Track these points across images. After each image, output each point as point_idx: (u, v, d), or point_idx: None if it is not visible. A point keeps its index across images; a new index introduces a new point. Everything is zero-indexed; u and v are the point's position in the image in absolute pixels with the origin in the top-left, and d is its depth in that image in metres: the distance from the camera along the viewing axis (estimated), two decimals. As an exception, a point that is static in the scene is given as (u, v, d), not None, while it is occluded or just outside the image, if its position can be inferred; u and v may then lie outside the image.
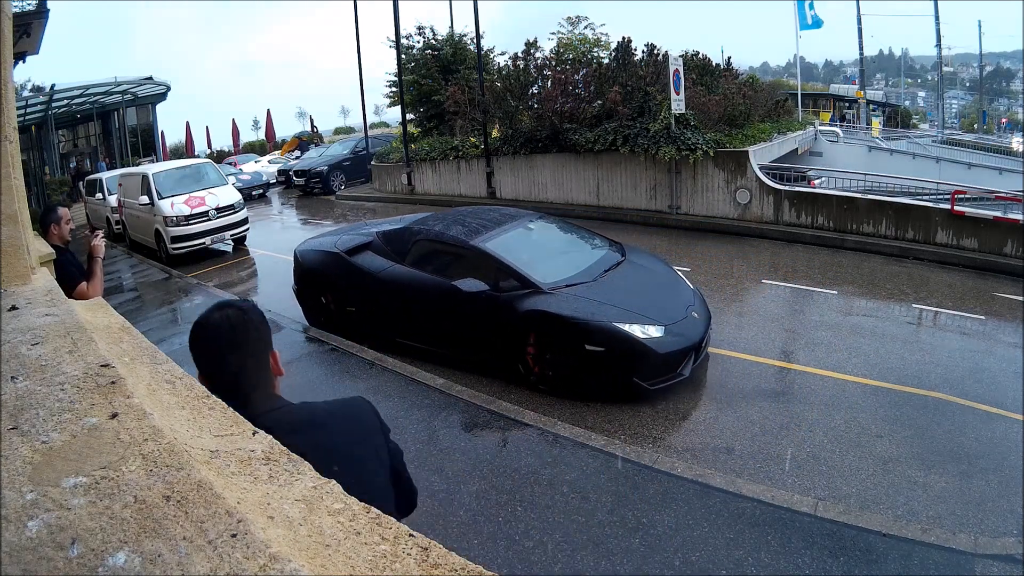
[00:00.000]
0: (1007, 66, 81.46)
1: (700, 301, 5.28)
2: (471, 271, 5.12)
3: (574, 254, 5.63)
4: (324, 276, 6.28)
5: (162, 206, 10.69)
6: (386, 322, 5.82)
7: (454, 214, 6.31)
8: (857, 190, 10.04)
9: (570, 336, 4.61)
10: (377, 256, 5.97)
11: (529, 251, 5.45)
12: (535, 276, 4.97)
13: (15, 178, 1.58)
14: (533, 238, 5.82)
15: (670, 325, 4.71)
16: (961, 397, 4.58)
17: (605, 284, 5.08)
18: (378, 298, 5.79)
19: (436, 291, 5.27)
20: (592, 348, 4.53)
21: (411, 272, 5.60)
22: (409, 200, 14.82)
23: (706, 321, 5.05)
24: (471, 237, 5.41)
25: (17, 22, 8.27)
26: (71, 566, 0.59)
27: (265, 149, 31.40)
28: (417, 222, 6.29)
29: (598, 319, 4.59)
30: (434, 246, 5.65)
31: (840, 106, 37.16)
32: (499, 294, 4.94)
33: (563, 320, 4.62)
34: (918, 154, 23.04)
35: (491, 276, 5.04)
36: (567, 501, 3.42)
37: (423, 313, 5.48)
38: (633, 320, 4.60)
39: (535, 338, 4.80)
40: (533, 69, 13.32)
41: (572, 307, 4.69)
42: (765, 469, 3.77)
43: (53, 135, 25.93)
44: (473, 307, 4.99)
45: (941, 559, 2.95)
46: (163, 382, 1.12)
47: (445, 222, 5.92)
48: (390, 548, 0.70)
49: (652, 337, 4.56)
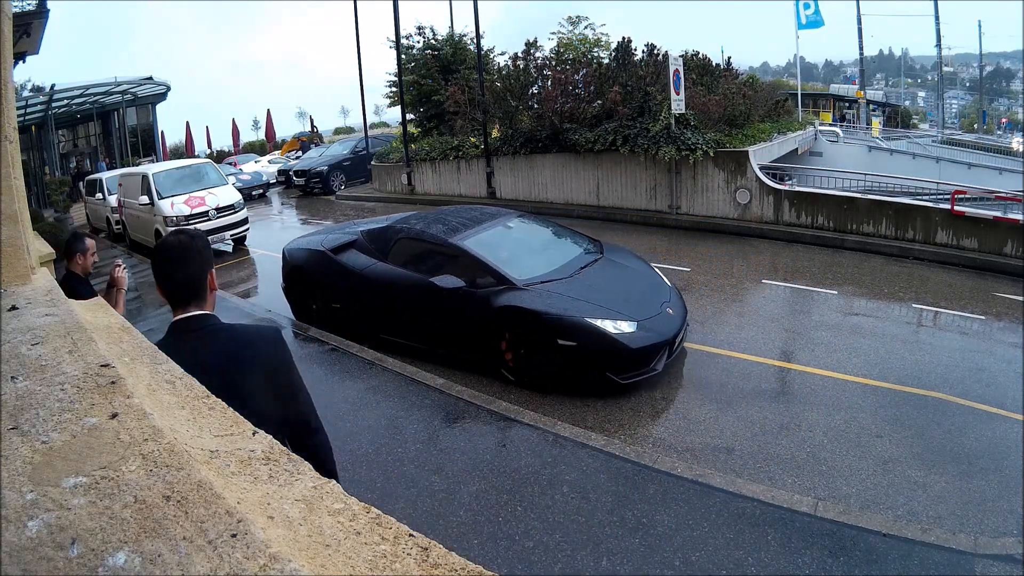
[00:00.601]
0: (1007, 66, 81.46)
1: (677, 298, 5.39)
2: (450, 268, 5.26)
3: (551, 252, 5.76)
4: (311, 274, 6.43)
5: (162, 206, 10.69)
6: (369, 318, 5.97)
7: (436, 213, 6.49)
8: (857, 190, 10.05)
9: (542, 331, 4.73)
10: (361, 254, 6.12)
11: (506, 249, 5.59)
12: (510, 272, 5.10)
13: (15, 178, 1.58)
14: (512, 236, 5.95)
15: (643, 321, 4.81)
16: (961, 397, 4.58)
17: (580, 281, 5.19)
18: (362, 295, 5.94)
19: (416, 288, 5.40)
20: (564, 342, 4.64)
21: (393, 269, 5.75)
22: (409, 200, 14.82)
23: (682, 317, 5.15)
24: (450, 235, 5.56)
25: (17, 22, 8.27)
26: (71, 566, 0.59)
27: (265, 149, 31.41)
28: (400, 221, 6.47)
29: (570, 314, 4.70)
30: (415, 244, 5.80)
31: (840, 106, 37.13)
32: (475, 290, 5.08)
33: (536, 315, 4.74)
34: (918, 154, 23.02)
35: (469, 273, 5.18)
36: (567, 501, 3.42)
37: (404, 309, 5.62)
38: (605, 315, 4.72)
39: (509, 333, 4.92)
40: (533, 69, 13.32)
41: (545, 302, 4.81)
42: (765, 469, 3.77)
43: (53, 135, 25.92)
44: (451, 303, 5.14)
45: (941, 559, 2.95)
46: (163, 382, 1.12)
47: (426, 221, 6.09)
48: (390, 548, 0.70)
49: (624, 332, 4.66)
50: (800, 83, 27.57)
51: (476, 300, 5.05)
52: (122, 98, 26.50)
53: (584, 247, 5.95)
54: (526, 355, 4.87)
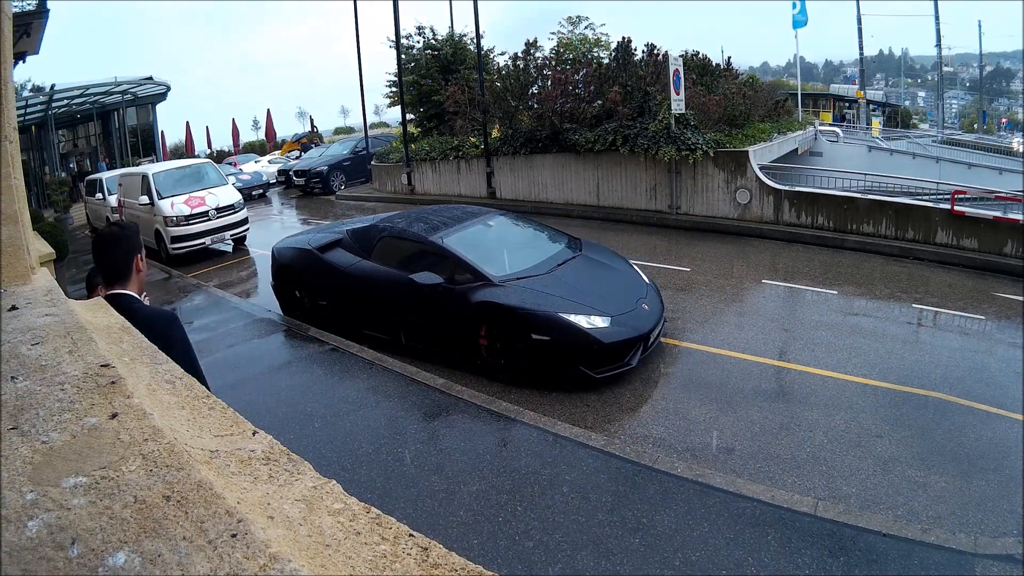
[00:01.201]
0: (1007, 66, 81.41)
1: (654, 295, 5.50)
2: (430, 266, 5.38)
3: (530, 249, 5.87)
4: (298, 272, 6.60)
5: (162, 206, 10.69)
6: (354, 314, 6.11)
7: (419, 212, 6.67)
8: (857, 190, 10.03)
9: (517, 325, 4.83)
10: (347, 253, 6.26)
11: (485, 246, 5.73)
12: (487, 269, 5.22)
13: (15, 178, 1.58)
14: (491, 234, 6.07)
15: (617, 316, 4.90)
16: (961, 397, 4.58)
17: (556, 277, 5.30)
18: (346, 292, 6.08)
19: (398, 284, 5.52)
20: (538, 337, 4.74)
21: (376, 267, 5.88)
22: (410, 200, 14.81)
23: (658, 313, 5.26)
24: (430, 233, 5.69)
25: (17, 22, 8.27)
26: (71, 566, 0.59)
27: (265, 149, 31.39)
28: (383, 220, 6.63)
29: (544, 309, 4.80)
30: (397, 243, 5.93)
31: (840, 106, 37.15)
32: (454, 287, 5.19)
33: (510, 310, 4.85)
34: (918, 154, 23.02)
35: (448, 270, 5.30)
36: (567, 501, 3.42)
37: (387, 306, 5.75)
38: (578, 311, 4.82)
39: (486, 328, 5.02)
40: (533, 69, 13.32)
41: (520, 298, 4.92)
42: (765, 469, 3.77)
43: (53, 135, 25.91)
44: (431, 299, 5.25)
45: (941, 559, 2.95)
46: (163, 382, 1.12)
47: (408, 219, 6.25)
48: (390, 548, 0.70)
49: (597, 327, 4.75)
50: (800, 83, 27.57)
51: (454, 296, 5.15)
52: (122, 98, 26.49)
53: (563, 245, 6.07)
54: (502, 349, 4.97)
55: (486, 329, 5.02)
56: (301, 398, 4.91)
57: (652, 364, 5.26)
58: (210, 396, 1.08)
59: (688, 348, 5.59)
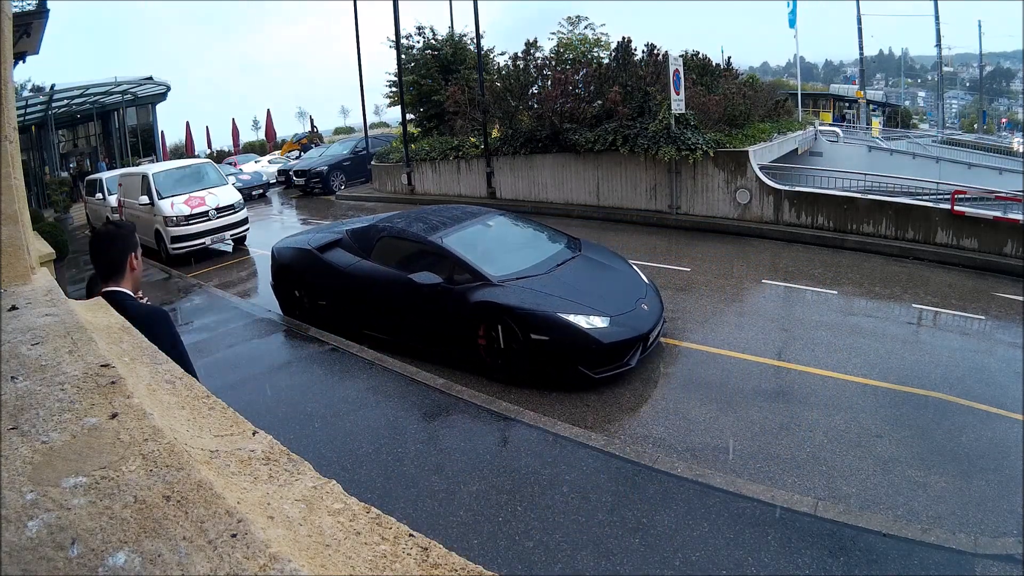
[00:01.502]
0: (1007, 66, 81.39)
1: (654, 295, 5.50)
2: (430, 266, 5.38)
3: (529, 249, 5.86)
4: (297, 272, 6.60)
5: (162, 206, 10.68)
6: (353, 314, 6.11)
7: (418, 212, 6.67)
8: (857, 190, 10.03)
9: (516, 325, 4.82)
10: (346, 252, 6.26)
11: (484, 246, 5.72)
12: (486, 269, 5.21)
13: (15, 178, 1.58)
14: (491, 234, 6.07)
15: (616, 316, 4.90)
16: (961, 397, 4.57)
17: (555, 277, 5.29)
18: (346, 292, 6.08)
19: (397, 284, 5.52)
20: (537, 337, 4.74)
21: (375, 267, 5.88)
22: (410, 200, 14.81)
23: (657, 313, 5.25)
24: (429, 233, 5.69)
25: (17, 22, 8.27)
26: (71, 566, 0.59)
27: (265, 149, 31.39)
28: (383, 220, 6.63)
29: (542, 309, 4.80)
30: (396, 243, 5.93)
31: (840, 106, 37.14)
32: (453, 287, 5.19)
33: (509, 310, 4.85)
34: (918, 154, 23.02)
35: (447, 270, 5.30)
36: (567, 501, 3.42)
37: (386, 305, 5.75)
38: (577, 311, 4.81)
39: (484, 328, 5.02)
40: (533, 69, 13.31)
41: (519, 298, 4.91)
42: (765, 469, 3.77)
43: (53, 135, 25.91)
44: (430, 299, 5.25)
45: (941, 559, 2.95)
46: (163, 382, 1.12)
47: (408, 219, 6.24)
48: (390, 548, 0.70)
49: (596, 327, 4.74)
50: (800, 83, 27.60)
51: (453, 296, 5.15)
52: (122, 98, 26.48)
53: (562, 245, 6.07)
54: (501, 349, 4.97)
55: (485, 329, 5.02)
56: (301, 398, 4.91)
57: (652, 364, 5.26)
58: (210, 396, 1.08)
59: (688, 348, 5.59)
